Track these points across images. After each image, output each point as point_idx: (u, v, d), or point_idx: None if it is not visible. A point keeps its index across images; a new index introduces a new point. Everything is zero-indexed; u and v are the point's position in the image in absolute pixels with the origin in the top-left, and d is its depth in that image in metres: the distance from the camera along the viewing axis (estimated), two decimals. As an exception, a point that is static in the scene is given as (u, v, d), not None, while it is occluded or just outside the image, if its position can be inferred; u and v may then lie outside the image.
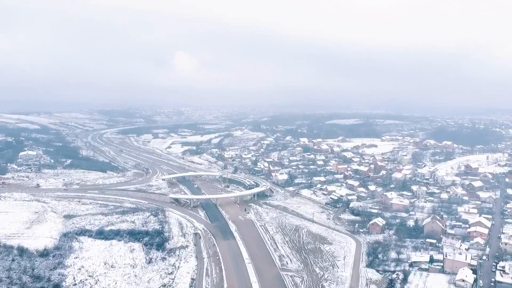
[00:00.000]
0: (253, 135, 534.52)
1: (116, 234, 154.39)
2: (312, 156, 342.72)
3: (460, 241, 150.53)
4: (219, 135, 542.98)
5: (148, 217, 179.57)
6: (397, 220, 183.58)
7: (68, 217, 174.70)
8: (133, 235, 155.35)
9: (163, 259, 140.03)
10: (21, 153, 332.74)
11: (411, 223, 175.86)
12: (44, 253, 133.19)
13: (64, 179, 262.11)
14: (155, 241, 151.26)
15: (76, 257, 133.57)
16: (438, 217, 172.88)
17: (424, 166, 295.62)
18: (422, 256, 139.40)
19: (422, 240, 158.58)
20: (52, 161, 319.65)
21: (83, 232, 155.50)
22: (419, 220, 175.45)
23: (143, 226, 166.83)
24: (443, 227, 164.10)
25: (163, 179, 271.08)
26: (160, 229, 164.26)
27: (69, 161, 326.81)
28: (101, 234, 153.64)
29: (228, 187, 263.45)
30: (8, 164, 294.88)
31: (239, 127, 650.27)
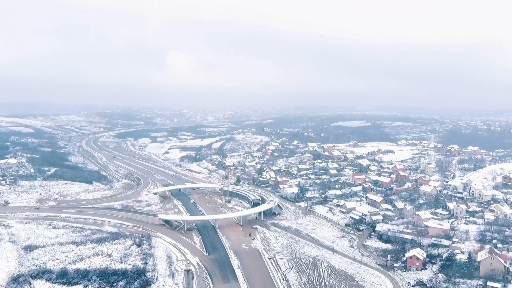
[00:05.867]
0: (257, 139, 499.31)
1: (83, 277, 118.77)
2: (323, 164, 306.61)
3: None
4: (220, 139, 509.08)
5: (129, 248, 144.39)
6: (439, 250, 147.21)
7: (28, 249, 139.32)
8: (106, 276, 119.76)
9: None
10: (0, 162, 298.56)
11: (460, 256, 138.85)
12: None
13: (40, 194, 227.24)
14: (133, 286, 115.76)
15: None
16: (496, 250, 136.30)
17: (453, 176, 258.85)
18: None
19: (480, 282, 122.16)
20: (33, 170, 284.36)
21: (41, 273, 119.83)
22: (472, 253, 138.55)
23: (121, 262, 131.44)
24: (505, 264, 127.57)
25: (155, 193, 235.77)
26: (142, 266, 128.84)
27: (52, 170, 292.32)
28: (64, 277, 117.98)
29: (229, 201, 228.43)
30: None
31: (242, 130, 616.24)
